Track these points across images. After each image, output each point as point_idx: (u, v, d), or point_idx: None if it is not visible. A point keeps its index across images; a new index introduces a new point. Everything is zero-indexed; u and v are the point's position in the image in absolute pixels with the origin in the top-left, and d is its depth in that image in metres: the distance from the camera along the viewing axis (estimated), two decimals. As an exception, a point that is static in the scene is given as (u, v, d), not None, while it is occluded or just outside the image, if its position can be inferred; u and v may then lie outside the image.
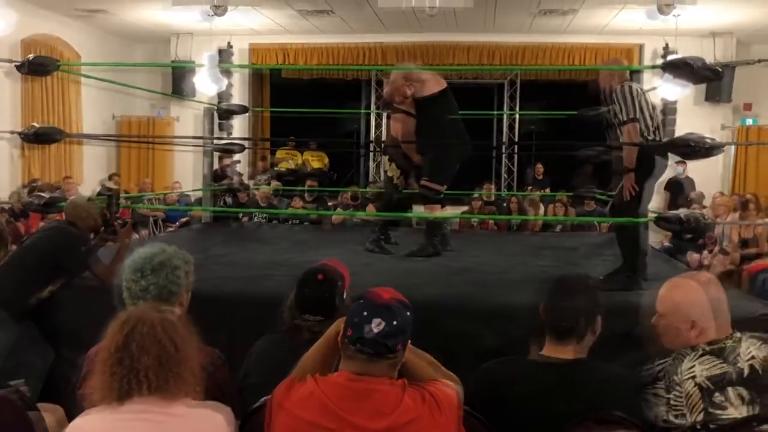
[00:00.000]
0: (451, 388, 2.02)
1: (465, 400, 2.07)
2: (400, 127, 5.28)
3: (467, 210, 10.00)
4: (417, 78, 5.07)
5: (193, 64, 12.18)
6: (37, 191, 6.91)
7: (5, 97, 10.03)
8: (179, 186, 11.30)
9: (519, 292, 3.90)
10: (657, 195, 7.83)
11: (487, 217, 9.42)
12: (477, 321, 3.50)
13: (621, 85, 4.03)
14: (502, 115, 12.84)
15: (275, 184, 10.94)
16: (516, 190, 12.42)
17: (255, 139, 13.27)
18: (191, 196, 10.56)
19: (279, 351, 2.45)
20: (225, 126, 12.39)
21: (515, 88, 12.96)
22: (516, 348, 2.62)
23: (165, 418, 1.82)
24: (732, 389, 2.12)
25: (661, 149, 4.01)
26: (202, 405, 1.93)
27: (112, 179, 11.22)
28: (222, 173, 9.69)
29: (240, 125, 12.65)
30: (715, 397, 2.11)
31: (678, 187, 10.88)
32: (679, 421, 2.14)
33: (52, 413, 2.61)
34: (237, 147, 7.48)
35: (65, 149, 11.17)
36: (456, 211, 9.23)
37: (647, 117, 3.97)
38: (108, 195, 4.47)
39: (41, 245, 3.96)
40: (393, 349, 1.90)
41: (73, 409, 2.11)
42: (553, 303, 2.25)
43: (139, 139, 12.49)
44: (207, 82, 11.42)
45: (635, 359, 2.96)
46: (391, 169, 5.44)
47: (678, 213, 3.80)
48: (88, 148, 11.74)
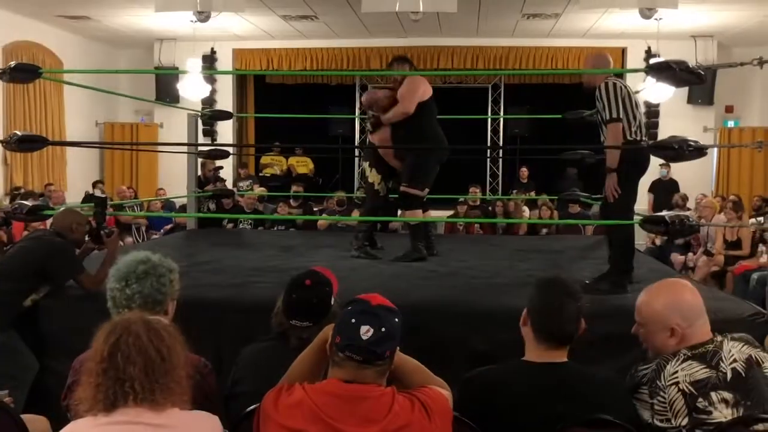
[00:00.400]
0: (441, 394, 2.02)
1: (454, 407, 2.07)
2: (379, 134, 5.32)
3: (453, 214, 10.01)
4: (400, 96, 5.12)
5: (177, 70, 12.15)
6: (20, 199, 6.84)
7: (-14, 105, 9.96)
8: (164, 193, 11.24)
9: (506, 295, 3.91)
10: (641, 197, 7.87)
11: (481, 221, 9.44)
12: (465, 325, 3.50)
13: (605, 83, 4.00)
14: (487, 119, 12.89)
15: (260, 189, 10.90)
16: (501, 193, 12.47)
17: (240, 145, 13.24)
18: (176, 202, 10.51)
19: (267, 358, 2.44)
20: (210, 132, 12.36)
21: (499, 92, 13.02)
22: (504, 352, 2.61)
23: (152, 428, 1.81)
24: (715, 393, 2.12)
25: (645, 152, 4.02)
26: (189, 414, 1.91)
27: (96, 187, 11.14)
28: (205, 179, 9.64)
29: (225, 131, 12.62)
30: (699, 403, 2.11)
31: (663, 189, 10.96)
32: (664, 425, 2.14)
33: (37, 424, 2.58)
34: (222, 153, 7.44)
35: (49, 156, 11.09)
36: (441, 215, 9.24)
37: (630, 116, 3.96)
38: (95, 203, 4.42)
39: (26, 254, 3.91)
40: (382, 356, 1.90)
41: (59, 420, 2.08)
42: (542, 308, 2.24)
43: (123, 146, 12.43)
44: (191, 87, 11.40)
45: (619, 363, 2.98)
46: (372, 175, 5.44)
47: (663, 215, 3.79)
48: (71, 155, 11.65)
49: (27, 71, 4.42)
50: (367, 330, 1.87)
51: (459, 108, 8.84)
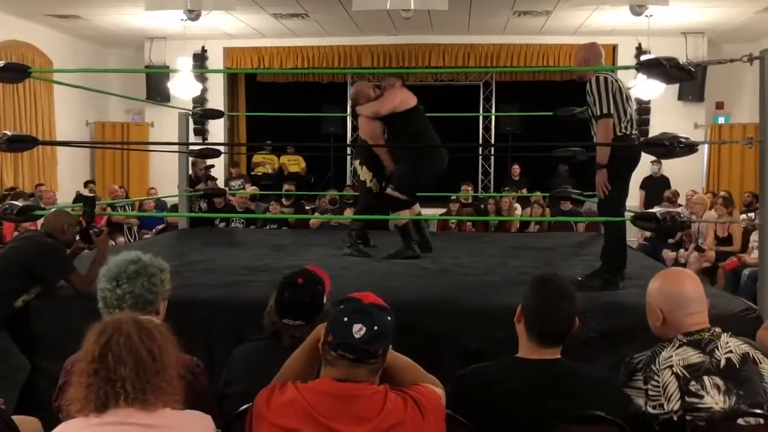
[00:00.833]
0: (434, 391, 2.02)
1: (447, 404, 2.07)
2: (367, 129, 5.34)
3: (445, 212, 10.01)
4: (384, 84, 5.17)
5: (168, 69, 12.11)
6: (10, 199, 6.80)
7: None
8: (155, 192, 11.20)
9: (499, 293, 3.92)
10: (633, 193, 7.89)
11: (472, 219, 9.44)
12: (457, 323, 3.50)
13: (596, 77, 3.99)
14: (478, 117, 12.90)
15: (252, 188, 10.88)
16: (493, 191, 12.47)
17: (231, 144, 13.21)
18: (167, 202, 10.48)
19: (260, 358, 2.44)
20: (201, 131, 12.33)
21: (491, 89, 13.03)
22: (497, 349, 2.62)
23: (144, 429, 1.80)
24: (708, 378, 2.15)
25: (636, 149, 4.03)
26: (181, 414, 1.91)
27: (87, 187, 11.09)
28: (196, 178, 9.62)
29: (216, 130, 12.59)
30: (691, 386, 2.14)
31: (654, 186, 11.00)
32: (657, 412, 2.16)
33: (28, 425, 2.57)
34: (213, 152, 7.42)
35: (39, 157, 11.04)
36: (433, 213, 9.24)
37: (620, 110, 3.96)
38: (84, 202, 4.40)
39: (17, 254, 3.89)
40: (374, 355, 1.90)
41: (51, 421, 2.07)
42: (537, 306, 2.23)
43: (114, 145, 12.39)
44: (182, 86, 11.37)
45: (612, 359, 2.99)
46: (363, 173, 5.44)
47: (655, 211, 3.80)
48: (62, 155, 11.60)
49: (16, 71, 4.39)
50: (360, 328, 1.87)
51: (450, 105, 8.84)
